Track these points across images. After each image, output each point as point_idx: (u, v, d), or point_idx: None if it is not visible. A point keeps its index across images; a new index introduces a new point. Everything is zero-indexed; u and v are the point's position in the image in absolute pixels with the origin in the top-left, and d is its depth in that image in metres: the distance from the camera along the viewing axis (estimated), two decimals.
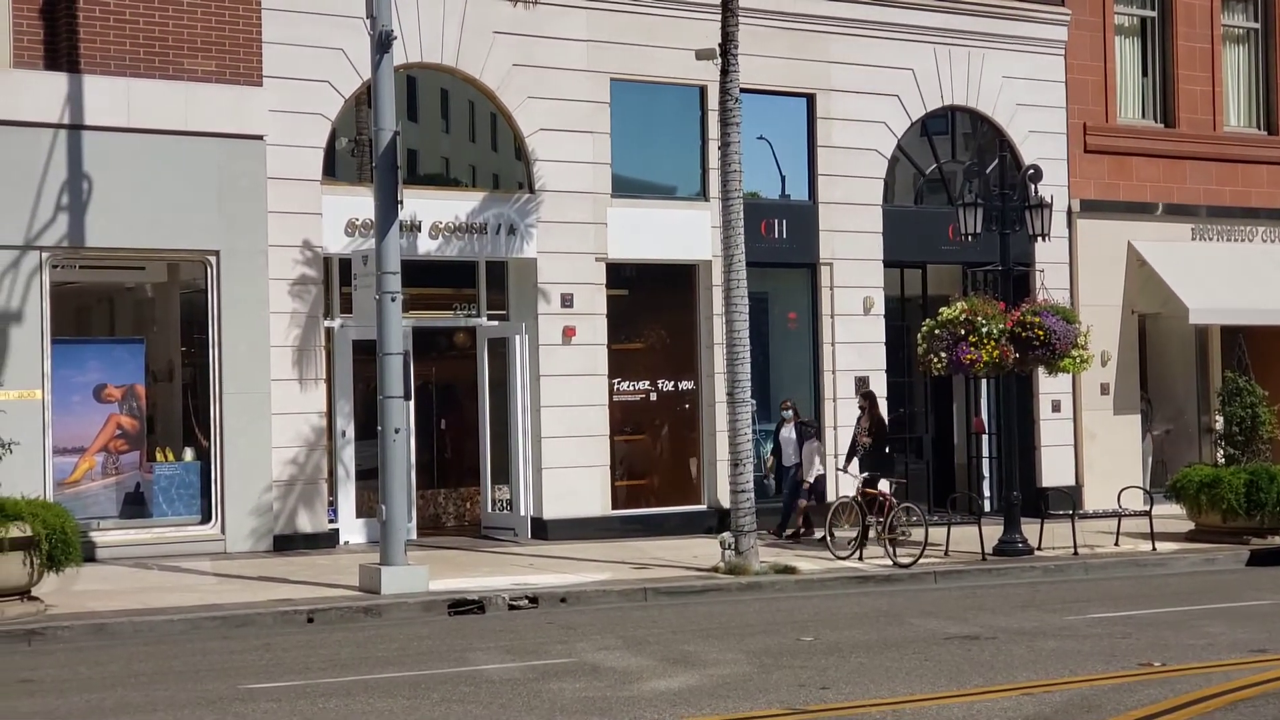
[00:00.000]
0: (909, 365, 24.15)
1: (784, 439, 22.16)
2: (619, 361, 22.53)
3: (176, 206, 19.36)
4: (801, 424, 22.10)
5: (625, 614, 16.08)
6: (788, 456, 22.05)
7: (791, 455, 21.97)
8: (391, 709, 10.94)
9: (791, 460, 21.96)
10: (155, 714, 10.77)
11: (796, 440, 21.98)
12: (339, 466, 20.90)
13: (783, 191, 23.99)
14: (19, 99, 18.53)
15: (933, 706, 11.00)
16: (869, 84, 24.15)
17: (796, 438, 22.00)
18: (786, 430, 22.14)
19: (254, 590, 16.70)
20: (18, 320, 18.49)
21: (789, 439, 22.07)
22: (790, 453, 22.01)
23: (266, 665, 12.99)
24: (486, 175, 22.64)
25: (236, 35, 19.89)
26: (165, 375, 20.65)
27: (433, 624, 15.51)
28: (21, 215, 18.51)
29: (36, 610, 15.02)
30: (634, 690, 11.62)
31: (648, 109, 22.80)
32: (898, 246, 24.39)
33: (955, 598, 17.50)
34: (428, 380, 23.55)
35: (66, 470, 19.08)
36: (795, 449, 21.94)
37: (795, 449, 21.94)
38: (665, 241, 22.64)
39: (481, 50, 21.44)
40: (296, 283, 20.27)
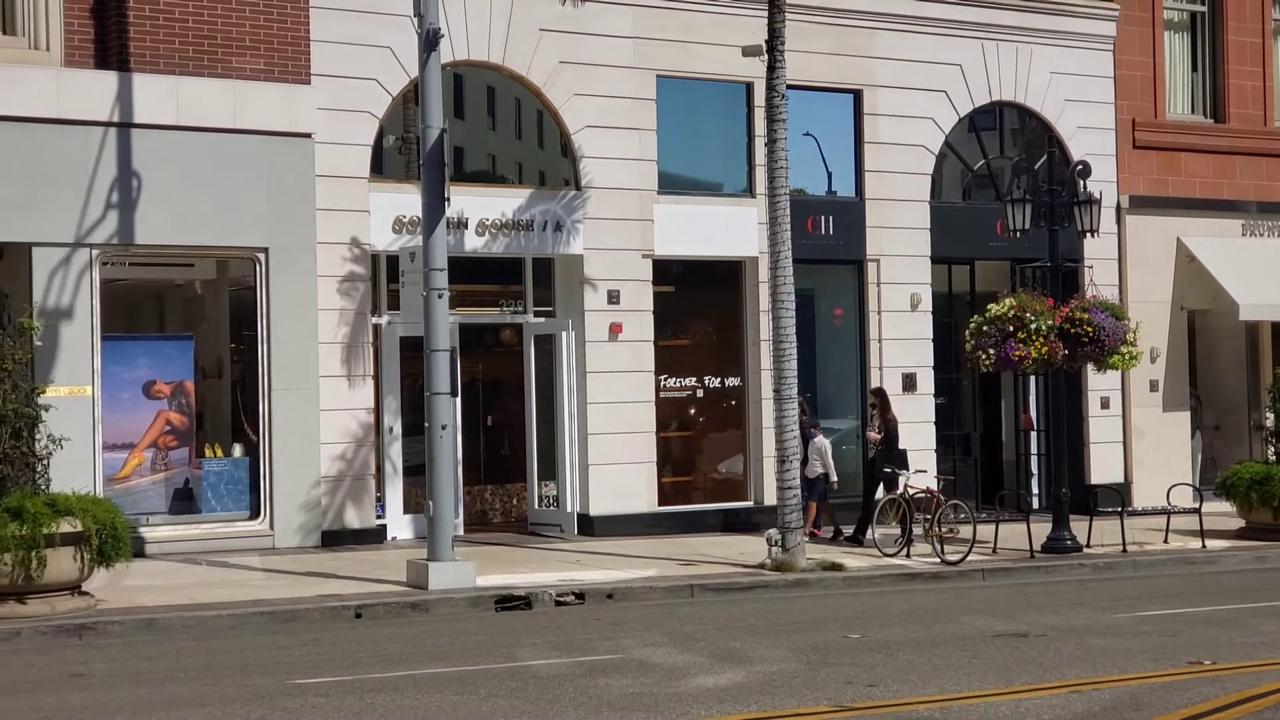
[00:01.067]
0: (957, 362, 24.07)
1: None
2: (665, 358, 22.53)
3: (226, 204, 19.47)
4: (807, 421, 21.40)
5: (672, 610, 16.07)
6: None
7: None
8: (439, 704, 10.97)
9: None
10: (205, 709, 10.83)
11: (801, 438, 21.39)
12: (386, 462, 20.99)
13: (829, 188, 23.94)
14: (70, 97, 18.67)
15: (980, 704, 10.95)
16: (916, 80, 24.07)
17: (801, 436, 21.36)
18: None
19: (302, 586, 16.78)
20: (68, 317, 18.64)
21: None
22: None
23: (315, 660, 13.05)
24: (533, 172, 22.67)
25: (285, 34, 19.99)
26: (214, 372, 20.78)
27: (480, 620, 15.55)
28: (72, 213, 18.65)
29: (87, 605, 15.13)
30: (681, 687, 11.62)
31: (693, 105, 22.78)
32: (945, 243, 24.29)
33: (1003, 595, 17.42)
34: (474, 377, 23.62)
35: (116, 466, 19.22)
36: (802, 446, 21.25)
37: (802, 446, 21.25)
38: (711, 238, 22.62)
39: (528, 48, 21.47)
40: (344, 280, 20.35)
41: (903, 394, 23.63)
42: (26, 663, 12.90)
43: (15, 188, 18.32)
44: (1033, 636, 14.03)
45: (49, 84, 18.59)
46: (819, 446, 21.34)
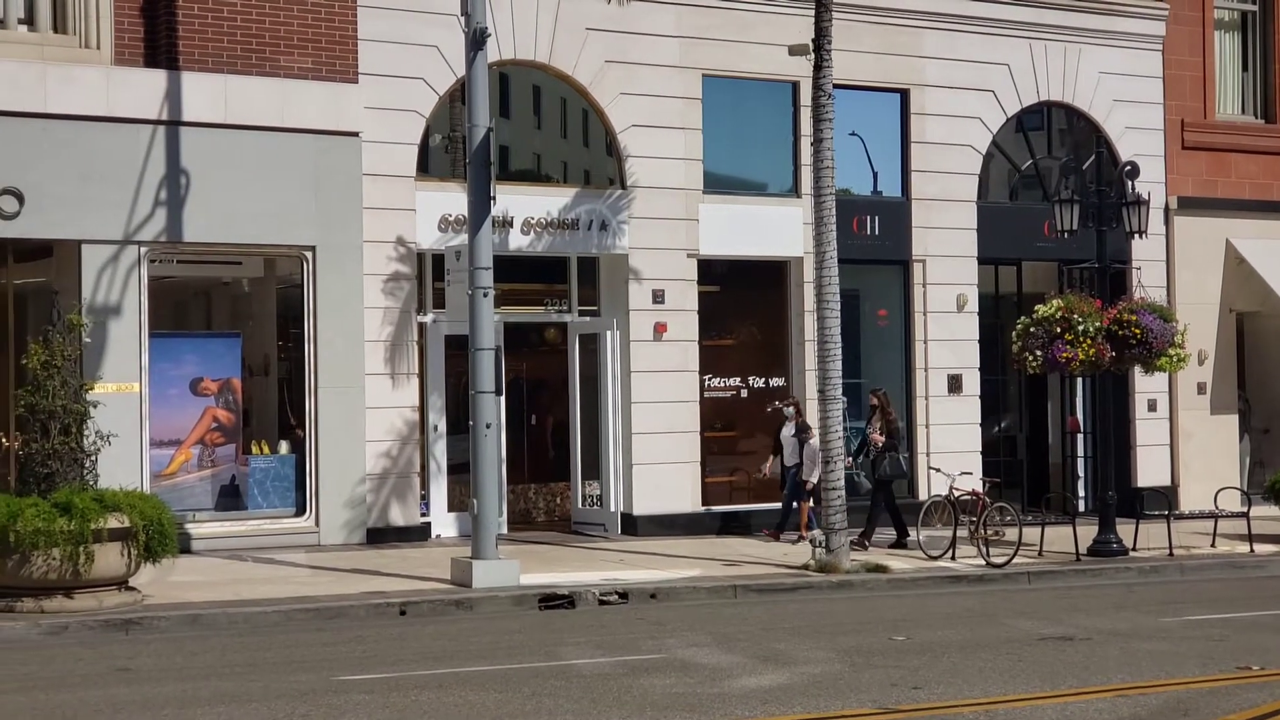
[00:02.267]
0: (1003, 363, 23.92)
1: (784, 438, 21.42)
2: (710, 358, 22.51)
3: (273, 202, 19.56)
4: (801, 425, 21.23)
5: (715, 611, 16.05)
6: (788, 456, 21.27)
7: (791, 455, 21.22)
8: (483, 702, 10.99)
9: (792, 460, 21.21)
10: (250, 704, 10.88)
11: (797, 440, 21.25)
12: (431, 461, 21.04)
13: (875, 187, 23.86)
14: (120, 96, 18.79)
15: (1026, 707, 10.89)
16: (964, 79, 23.97)
17: (796, 438, 21.24)
18: (787, 429, 21.41)
19: (347, 582, 16.85)
20: (116, 314, 18.76)
21: (789, 438, 21.31)
22: (790, 452, 21.24)
23: (359, 657, 13.10)
24: (578, 171, 22.69)
25: (333, 32, 20.07)
26: (261, 369, 20.88)
27: (523, 618, 15.57)
28: (121, 210, 18.78)
29: (134, 600, 15.23)
30: (725, 687, 11.60)
31: (739, 105, 22.75)
32: (992, 243, 24.18)
33: (1049, 598, 17.33)
34: (519, 375, 23.66)
35: (163, 462, 19.33)
36: (795, 449, 21.19)
37: (795, 449, 21.19)
38: (757, 238, 22.59)
39: (574, 47, 21.49)
40: (390, 278, 20.41)
41: (948, 395, 23.55)
42: (74, 656, 12.99)
43: (66, 185, 18.46)
44: (1078, 640, 13.95)
45: (99, 82, 18.72)
46: (813, 450, 20.90)
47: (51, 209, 18.38)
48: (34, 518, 14.41)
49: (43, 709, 10.71)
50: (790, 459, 21.29)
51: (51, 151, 18.39)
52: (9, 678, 12.00)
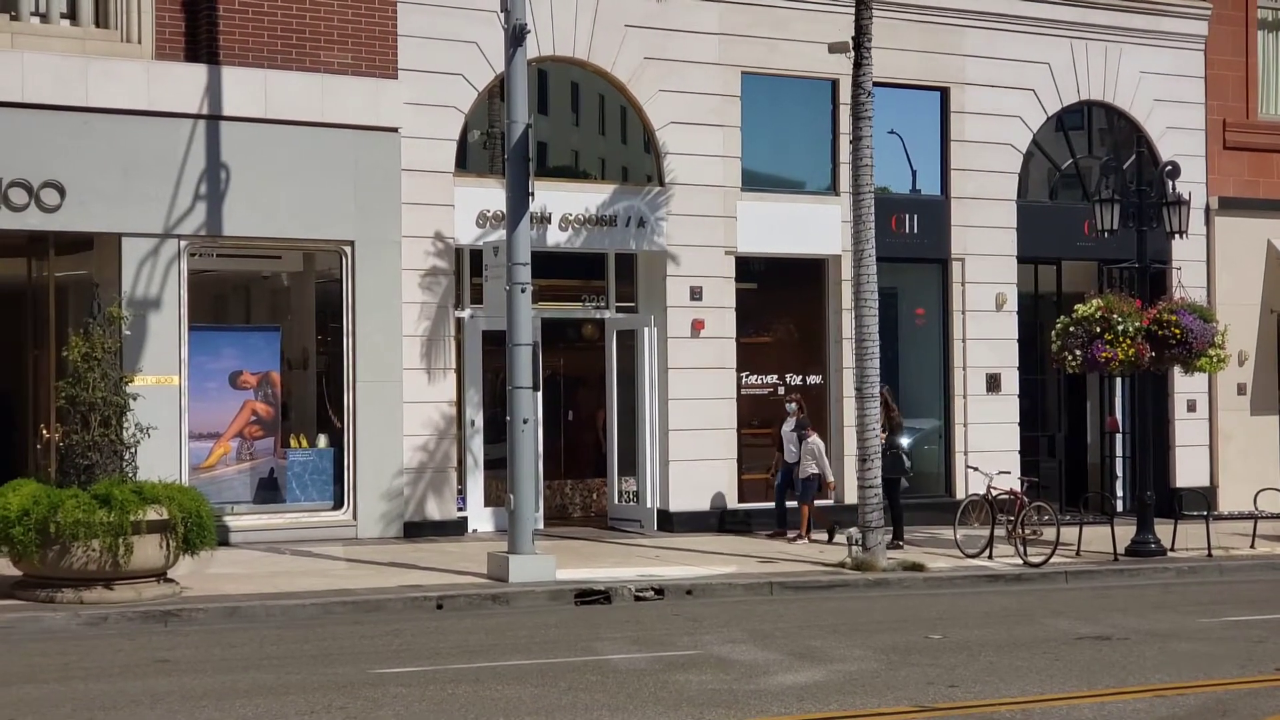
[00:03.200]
0: (1042, 362, 23.88)
1: (785, 434, 21.25)
2: (747, 355, 22.49)
3: (313, 197, 19.63)
4: (801, 422, 21.07)
5: (751, 608, 16.04)
6: (789, 453, 21.14)
7: (793, 453, 21.06)
8: (520, 696, 11.00)
9: (794, 458, 21.03)
10: (288, 696, 10.92)
11: (798, 437, 21.05)
12: (468, 455, 21.09)
13: (913, 186, 23.81)
14: (160, 90, 18.89)
15: (1063, 706, 10.84)
16: (1005, 78, 23.90)
17: (798, 436, 21.06)
18: (788, 425, 21.22)
19: (384, 576, 16.90)
20: (156, 307, 18.86)
21: (790, 435, 21.13)
22: (792, 449, 21.08)
23: (396, 650, 13.14)
24: (616, 168, 22.70)
25: (373, 28, 20.13)
26: (300, 363, 20.96)
27: (559, 613, 15.59)
28: (161, 204, 18.87)
29: (172, 592, 15.30)
30: (761, 684, 11.59)
31: (778, 102, 22.72)
32: (1032, 242, 24.10)
33: (1086, 598, 17.25)
34: (556, 371, 23.69)
35: (202, 455, 19.43)
36: (796, 445, 21.03)
37: (796, 445, 21.03)
38: (795, 236, 22.56)
39: (613, 43, 21.50)
40: (428, 273, 20.47)
41: (987, 394, 23.47)
42: (114, 648, 13.06)
43: (107, 178, 18.56)
44: (1116, 640, 13.88)
45: (140, 76, 18.82)
46: (812, 447, 20.89)
47: (92, 202, 18.49)
48: (74, 509, 14.48)
49: (83, 699, 10.77)
50: (791, 456, 21.09)
51: (93, 145, 18.49)
52: (50, 668, 12.08)
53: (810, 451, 20.90)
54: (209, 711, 10.36)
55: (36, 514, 14.46)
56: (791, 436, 21.15)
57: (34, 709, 10.42)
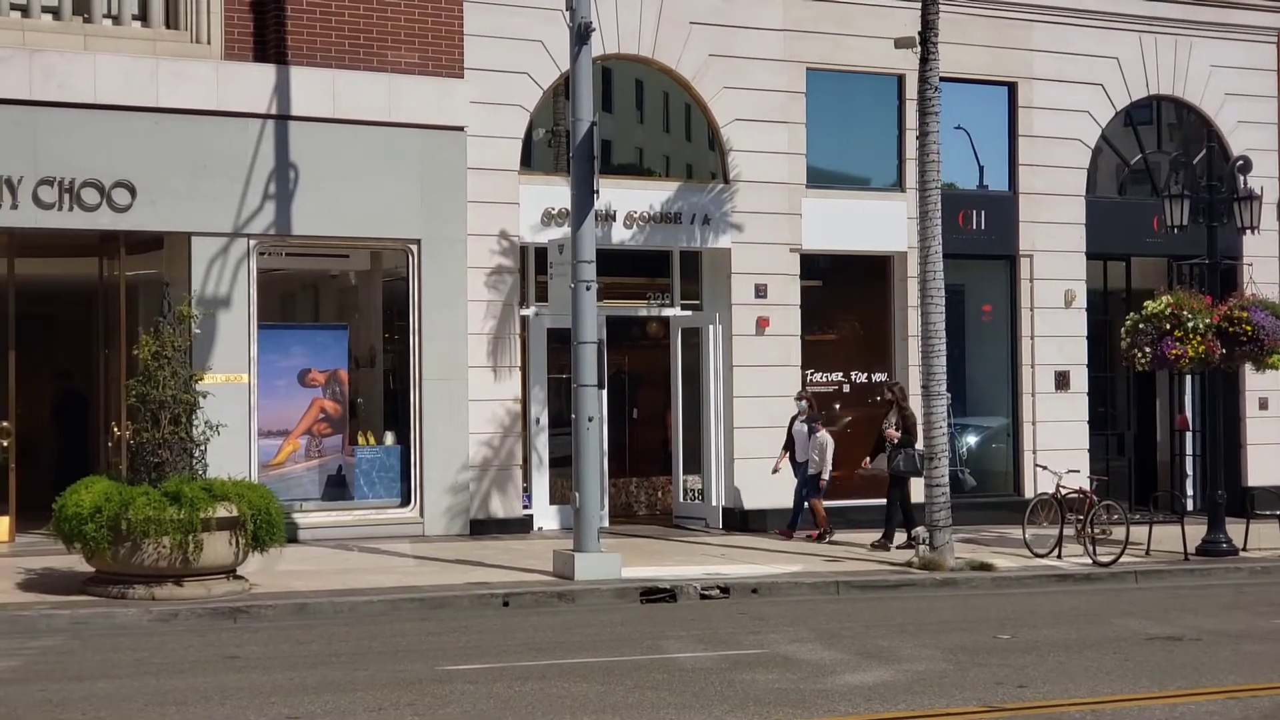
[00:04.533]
0: (1111, 360, 23.67)
1: (796, 433, 20.89)
2: (812, 353, 22.42)
3: (380, 196, 19.73)
4: (812, 417, 20.79)
5: (817, 607, 15.99)
6: (799, 451, 20.80)
7: (803, 450, 20.70)
8: (586, 694, 11.02)
9: (804, 456, 20.69)
10: (356, 693, 10.99)
11: (807, 434, 20.73)
12: (533, 453, 21.14)
13: (980, 182, 23.66)
14: (230, 90, 19.04)
15: (1133, 708, 10.75)
16: (1073, 72, 23.71)
17: (808, 432, 20.74)
18: (799, 424, 20.89)
19: (451, 573, 16.97)
20: (226, 305, 19.02)
21: (800, 432, 20.79)
22: (802, 447, 20.74)
23: (463, 647, 13.19)
24: (680, 165, 22.68)
25: (439, 28, 20.21)
26: (367, 361, 21.08)
27: (625, 611, 15.60)
28: (231, 203, 19.03)
29: (242, 589, 15.41)
30: (828, 683, 11.55)
31: (844, 98, 22.63)
32: (1100, 238, 23.89)
33: (1156, 598, 17.09)
34: (621, 369, 23.70)
35: (271, 452, 19.57)
36: (806, 443, 20.65)
37: (806, 443, 20.65)
38: (860, 232, 22.48)
39: (678, 40, 21.48)
40: (493, 271, 20.53)
41: (1055, 392, 23.30)
42: (184, 644, 13.18)
43: (177, 178, 18.73)
44: (1187, 640, 13.74)
45: (210, 77, 18.98)
46: (820, 443, 20.57)
47: (163, 201, 18.66)
48: (145, 506, 14.60)
49: (154, 694, 10.88)
50: (802, 454, 20.79)
51: (163, 145, 18.66)
52: (122, 663, 12.22)
53: (818, 447, 20.51)
54: (278, 707, 10.43)
55: (108, 511, 14.60)
56: (802, 433, 20.80)
57: (108, 703, 10.54)
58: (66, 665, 12.14)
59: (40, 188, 18.07)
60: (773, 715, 10.39)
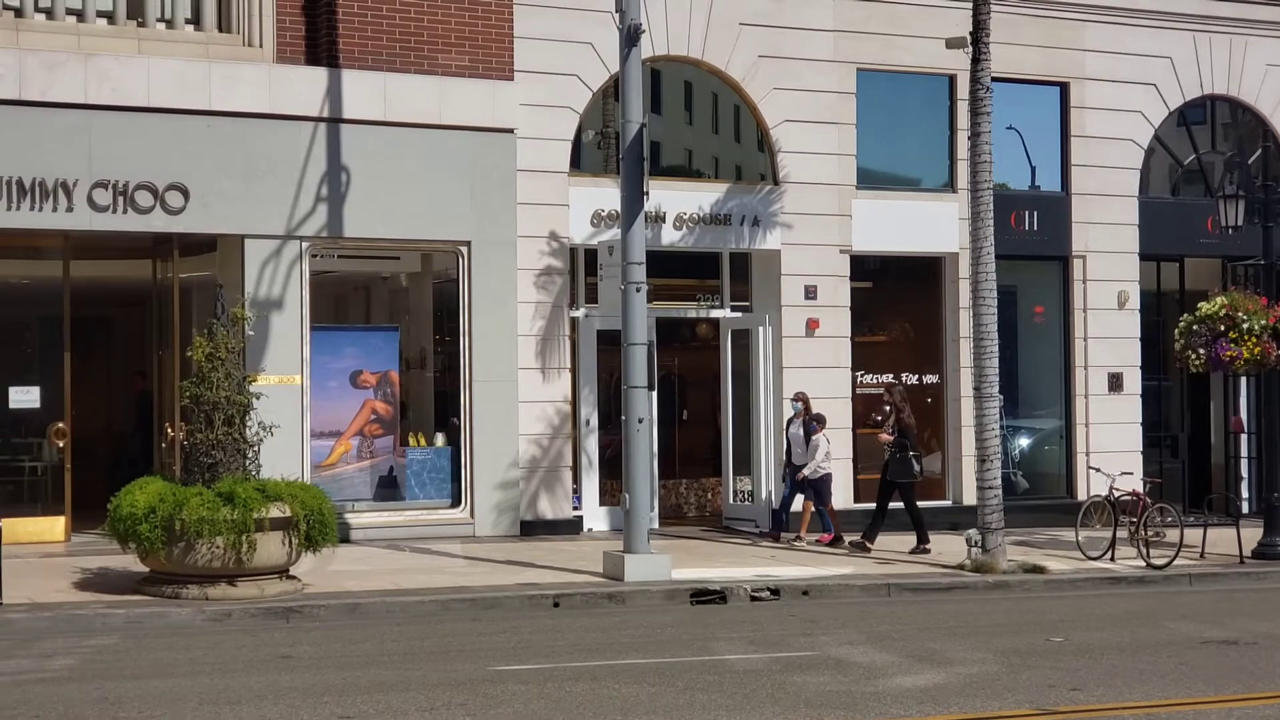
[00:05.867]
0: (1164, 362, 23.50)
1: (792, 435, 20.56)
2: (862, 354, 22.36)
3: (430, 198, 19.80)
4: (810, 419, 20.38)
5: (868, 609, 15.94)
6: (796, 455, 20.42)
7: (801, 454, 20.35)
8: (637, 695, 11.02)
9: (801, 459, 20.33)
10: (408, 693, 11.02)
11: (804, 437, 20.37)
12: (582, 454, 21.17)
13: (1032, 182, 23.54)
14: (282, 93, 19.15)
15: (1189, 712, 10.66)
16: (1126, 72, 23.55)
17: (804, 434, 20.38)
18: (795, 426, 20.52)
19: (501, 574, 17.01)
20: (279, 307, 19.12)
21: (797, 435, 20.43)
22: (800, 450, 20.39)
23: (514, 647, 13.22)
24: (729, 167, 22.66)
25: (489, 30, 20.26)
26: (418, 362, 21.16)
27: (675, 612, 15.59)
28: (283, 206, 19.13)
29: (294, 589, 15.50)
30: (879, 686, 11.51)
31: (894, 99, 22.55)
32: (1154, 239, 23.73)
33: (1212, 601, 16.95)
34: (670, 371, 23.70)
35: (323, 453, 19.67)
36: (803, 446, 20.32)
37: (803, 446, 20.32)
38: (911, 233, 22.39)
39: (727, 42, 21.47)
40: (543, 273, 20.56)
41: (1108, 394, 23.15)
42: (237, 643, 13.26)
43: (230, 181, 18.86)
44: (1243, 644, 13.62)
45: (262, 80, 19.10)
46: (815, 446, 20.13)
47: (216, 204, 18.79)
48: (199, 506, 14.70)
49: (208, 693, 10.95)
50: (799, 458, 20.42)
51: (216, 148, 18.79)
52: (176, 662, 12.31)
53: (816, 449, 20.09)
54: (331, 707, 10.48)
55: (162, 511, 14.71)
56: (798, 437, 20.47)
57: (163, 702, 10.62)
58: (122, 664, 12.24)
59: (95, 190, 18.23)
60: (824, 718, 10.36)
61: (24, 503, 19.11)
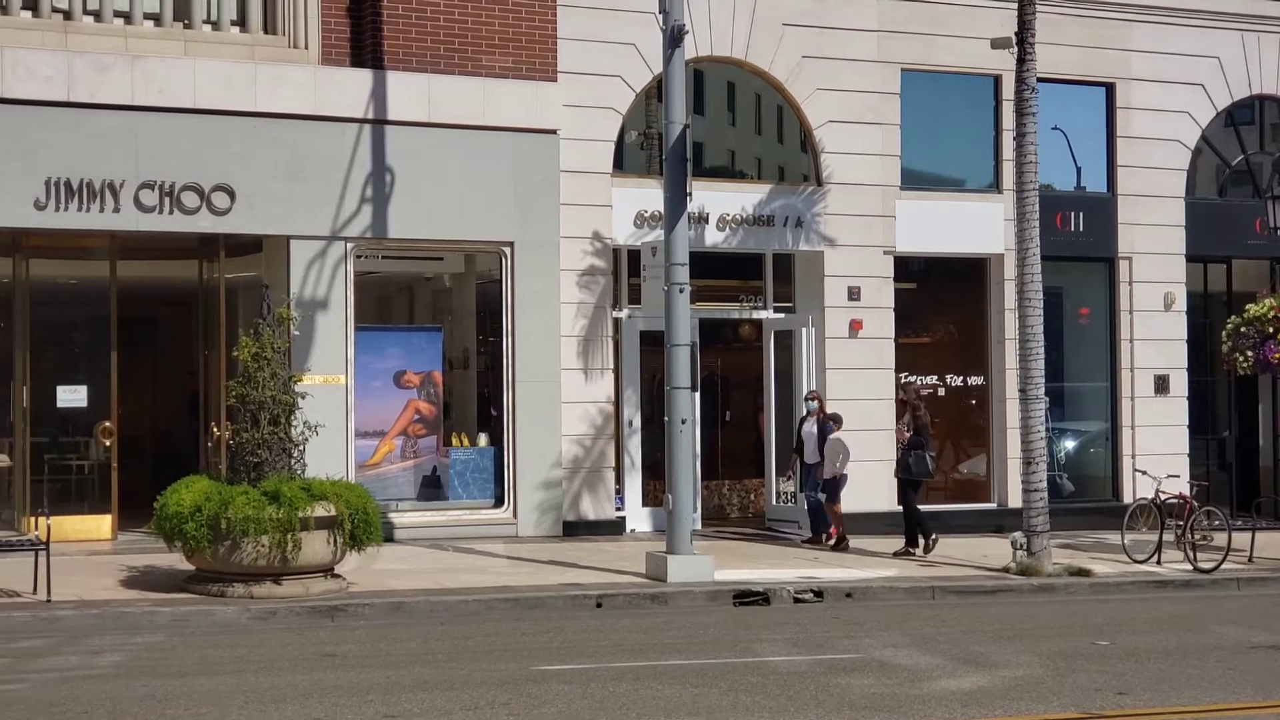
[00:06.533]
0: (1212, 364, 23.33)
1: (805, 434, 20.31)
2: (906, 355, 22.28)
3: (474, 199, 19.84)
4: (825, 418, 20.15)
5: (912, 612, 15.88)
6: (809, 453, 20.17)
7: (813, 452, 20.10)
8: (680, 696, 11.01)
9: (813, 458, 20.09)
10: (452, 691, 11.05)
11: (818, 436, 20.14)
12: (625, 455, 21.17)
13: (1078, 183, 23.42)
14: (326, 95, 19.22)
15: (1237, 716, 10.60)
16: (1172, 73, 23.40)
17: (818, 433, 20.15)
18: (809, 425, 20.29)
19: (544, 574, 17.03)
20: (324, 307, 19.20)
21: (810, 434, 20.17)
22: (811, 449, 20.12)
23: (557, 647, 13.23)
24: (772, 168, 22.64)
25: (533, 31, 20.29)
26: (461, 363, 21.21)
27: (718, 614, 15.58)
28: (328, 207, 19.21)
29: (339, 587, 15.55)
30: (924, 689, 11.46)
31: (938, 99, 22.48)
32: (1201, 240, 23.56)
33: (1260, 605, 16.80)
34: (713, 372, 23.68)
35: (367, 453, 19.73)
36: (816, 445, 20.07)
37: (816, 445, 20.07)
38: (955, 234, 22.31)
39: (771, 42, 21.43)
40: (586, 273, 20.58)
41: (1154, 396, 23.00)
42: (282, 642, 13.32)
43: (275, 182, 18.95)
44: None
45: (307, 82, 19.18)
46: (833, 446, 19.87)
47: (261, 205, 18.88)
48: (244, 505, 14.76)
49: (254, 691, 11.00)
50: (810, 456, 20.23)
51: (261, 149, 18.88)
52: (221, 660, 12.37)
53: (835, 449, 19.82)
54: (375, 705, 10.51)
55: (208, 510, 14.78)
56: (811, 435, 20.25)
57: (209, 700, 10.67)
58: (168, 661, 12.32)
59: (141, 191, 18.35)
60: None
61: (71, 501, 19.25)
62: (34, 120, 18.00)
